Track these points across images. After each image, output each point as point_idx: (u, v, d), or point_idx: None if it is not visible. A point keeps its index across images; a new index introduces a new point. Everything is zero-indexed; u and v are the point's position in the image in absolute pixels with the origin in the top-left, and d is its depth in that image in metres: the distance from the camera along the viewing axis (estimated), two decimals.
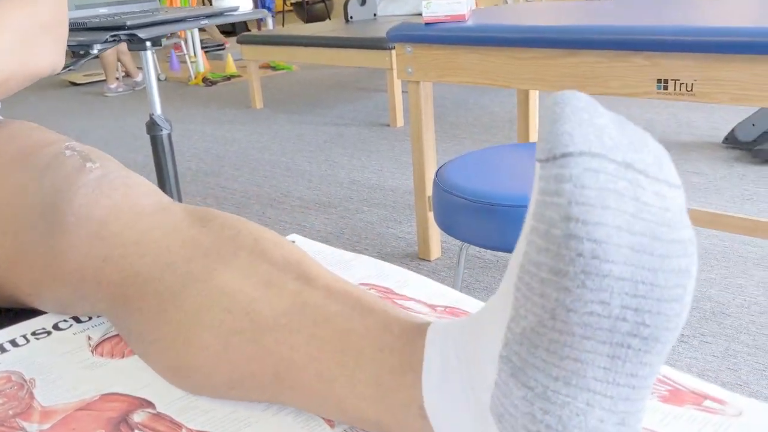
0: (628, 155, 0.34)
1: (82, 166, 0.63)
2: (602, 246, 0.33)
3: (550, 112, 0.35)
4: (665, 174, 0.35)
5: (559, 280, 0.34)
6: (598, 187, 0.33)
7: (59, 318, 0.70)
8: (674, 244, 0.34)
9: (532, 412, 0.37)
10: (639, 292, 0.34)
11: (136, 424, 0.54)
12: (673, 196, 0.35)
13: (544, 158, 0.34)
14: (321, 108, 4.52)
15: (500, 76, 1.83)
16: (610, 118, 0.36)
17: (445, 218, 1.30)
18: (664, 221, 0.34)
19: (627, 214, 0.33)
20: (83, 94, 5.68)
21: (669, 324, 0.35)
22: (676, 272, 0.35)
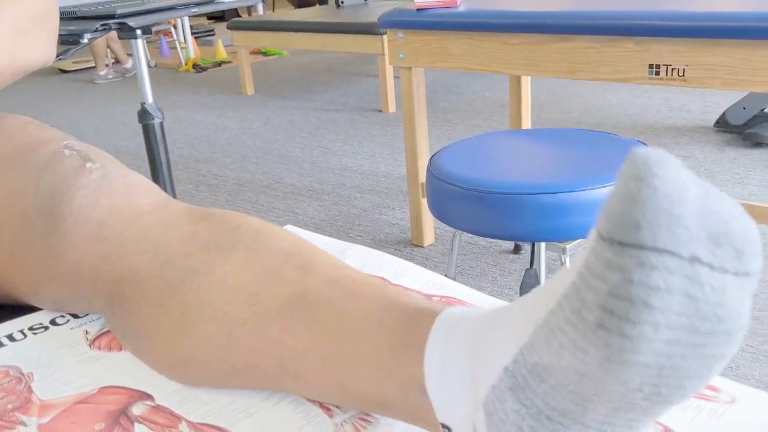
0: (699, 248, 0.31)
1: (81, 167, 0.63)
2: (633, 342, 0.31)
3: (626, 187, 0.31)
4: (738, 263, 0.32)
5: (579, 354, 0.33)
6: (647, 285, 0.30)
7: (56, 314, 0.70)
8: (714, 336, 0.32)
9: (521, 426, 0.38)
10: (662, 374, 0.33)
11: (135, 416, 0.54)
12: (734, 287, 0.32)
13: (604, 236, 0.31)
14: (312, 94, 4.51)
15: (492, 61, 1.83)
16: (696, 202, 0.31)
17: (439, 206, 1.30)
18: (710, 316, 0.32)
19: (671, 312, 0.31)
20: (73, 82, 5.64)
21: (684, 392, 0.34)
22: (708, 358, 0.33)
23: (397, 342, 0.46)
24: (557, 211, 1.17)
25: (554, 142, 1.41)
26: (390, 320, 0.48)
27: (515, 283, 1.97)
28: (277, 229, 0.59)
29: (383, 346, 0.47)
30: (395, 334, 0.47)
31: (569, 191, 1.17)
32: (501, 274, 2.02)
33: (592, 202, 1.18)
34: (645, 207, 0.30)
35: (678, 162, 0.31)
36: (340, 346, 0.49)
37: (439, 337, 0.44)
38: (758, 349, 1.60)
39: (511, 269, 2.05)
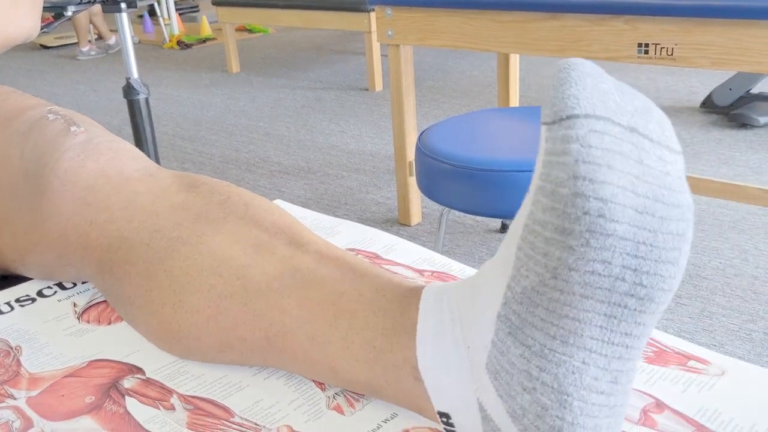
0: (633, 119, 0.35)
1: (66, 130, 0.62)
2: (608, 205, 0.33)
3: (556, 77, 0.35)
4: (667, 139, 0.36)
5: (563, 239, 0.34)
6: (604, 147, 0.33)
7: (43, 284, 0.69)
8: (674, 208, 0.35)
9: (529, 370, 0.38)
10: (639, 252, 0.35)
11: (126, 390, 0.54)
12: (673, 161, 0.36)
13: (550, 121, 0.35)
14: (298, 72, 4.47)
15: (481, 39, 1.82)
16: (614, 84, 0.37)
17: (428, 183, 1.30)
18: (666, 184, 0.35)
19: (631, 176, 0.34)
20: (55, 57, 5.56)
21: (664, 285, 0.36)
22: (674, 235, 0.35)
23: (390, 324, 0.46)
24: None
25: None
26: (382, 302, 0.47)
27: None
28: (266, 202, 0.58)
29: (376, 328, 0.47)
30: (387, 316, 0.46)
31: None
32: (488, 254, 2.03)
33: None
34: (577, 84, 0.35)
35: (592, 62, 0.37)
36: (330, 326, 0.48)
37: (428, 316, 0.44)
38: (742, 327, 1.62)
39: (497, 248, 2.06)
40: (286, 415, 0.51)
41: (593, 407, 0.38)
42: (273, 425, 0.50)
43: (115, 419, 0.51)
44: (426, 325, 0.44)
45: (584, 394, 0.38)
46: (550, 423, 0.38)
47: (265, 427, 0.50)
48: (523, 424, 0.39)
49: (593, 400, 0.38)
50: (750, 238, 2.02)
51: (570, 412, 0.38)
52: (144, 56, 5.30)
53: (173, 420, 0.51)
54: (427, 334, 0.44)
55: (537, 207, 0.35)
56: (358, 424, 0.49)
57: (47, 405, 0.52)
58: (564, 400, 0.38)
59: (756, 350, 1.53)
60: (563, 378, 0.38)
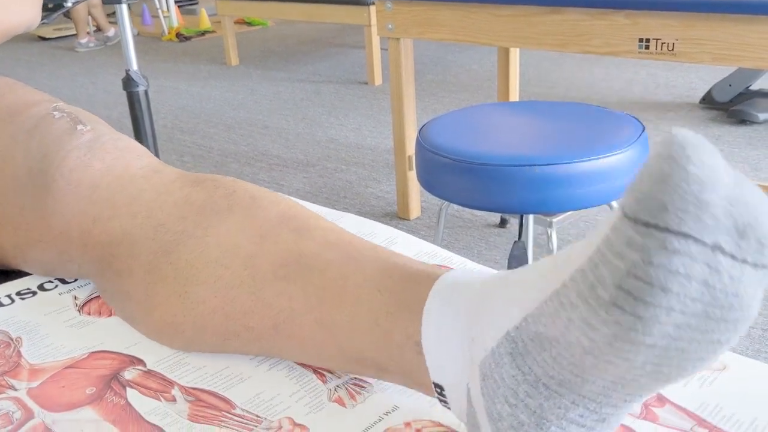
0: (722, 237, 0.31)
1: (72, 129, 0.61)
2: (644, 323, 0.31)
3: (658, 167, 0.30)
4: (758, 257, 0.32)
5: (587, 331, 0.33)
6: (667, 268, 0.30)
7: (45, 279, 0.69)
8: (723, 323, 0.32)
9: (516, 391, 0.38)
10: (667, 355, 0.33)
11: (127, 381, 0.54)
12: (751, 278, 0.32)
13: (629, 214, 0.31)
14: (297, 65, 4.46)
15: (482, 33, 1.81)
16: (727, 189, 0.31)
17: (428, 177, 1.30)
18: (724, 304, 0.32)
19: (687, 298, 0.31)
20: (53, 49, 5.54)
21: (684, 374, 0.34)
22: (713, 343, 0.33)
23: (395, 304, 0.46)
24: (547, 184, 1.17)
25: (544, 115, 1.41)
26: (389, 282, 0.47)
27: (500, 256, 1.98)
28: (272, 194, 0.58)
29: (381, 307, 0.47)
30: (393, 296, 0.47)
31: (559, 163, 1.17)
32: (486, 248, 2.03)
33: (581, 174, 1.18)
34: (675, 190, 0.30)
35: (713, 148, 0.31)
36: (337, 308, 0.48)
37: (438, 299, 0.44)
38: None
39: (496, 243, 2.06)
40: (287, 407, 0.51)
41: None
42: (274, 417, 0.50)
43: (116, 410, 0.51)
44: (434, 306, 0.44)
45: (564, 424, 0.38)
46: None
47: (266, 418, 0.50)
48: (497, 427, 0.39)
49: (572, 429, 0.38)
50: None
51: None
52: (143, 49, 5.29)
53: (174, 411, 0.51)
54: (433, 314, 0.44)
55: (573, 286, 0.33)
56: (359, 416, 0.50)
57: (48, 396, 0.52)
58: (542, 423, 0.38)
59: (754, 346, 1.54)
60: (548, 409, 0.37)
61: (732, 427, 0.47)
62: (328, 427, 0.49)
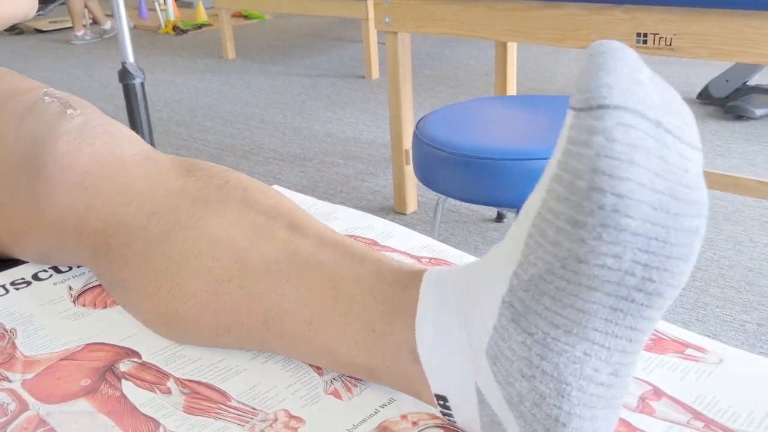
0: (660, 114, 0.34)
1: (62, 113, 0.61)
2: (624, 201, 0.33)
3: (593, 61, 0.34)
4: (690, 136, 0.35)
5: (575, 231, 0.34)
6: (629, 142, 0.33)
7: (39, 268, 0.69)
8: (689, 205, 0.35)
9: (529, 357, 0.38)
10: (651, 248, 0.34)
11: (122, 373, 0.54)
12: (693, 158, 0.35)
13: (578, 107, 0.34)
14: (294, 59, 4.45)
15: (479, 27, 1.81)
16: (649, 75, 0.36)
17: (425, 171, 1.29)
18: (684, 182, 0.34)
19: (651, 172, 0.33)
20: (49, 42, 5.52)
21: (673, 281, 0.36)
22: (687, 231, 0.35)
23: (389, 308, 0.46)
24: None
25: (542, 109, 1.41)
26: (382, 285, 0.47)
27: None
28: (264, 186, 0.58)
29: (375, 312, 0.46)
30: (386, 300, 0.46)
31: None
32: (483, 243, 2.03)
33: None
34: (614, 72, 0.33)
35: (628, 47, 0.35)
36: (329, 310, 0.48)
37: (428, 300, 0.44)
38: (735, 318, 1.62)
39: (493, 238, 2.06)
40: (283, 399, 0.51)
41: (591, 398, 0.38)
42: (270, 409, 0.50)
43: (111, 402, 0.51)
44: (426, 308, 0.44)
45: (583, 385, 0.38)
46: (547, 411, 0.38)
47: (262, 411, 0.49)
48: (519, 410, 0.39)
49: (592, 390, 0.38)
50: (744, 230, 2.02)
51: (568, 401, 0.38)
52: (139, 42, 5.27)
53: (170, 403, 0.50)
54: (426, 316, 0.44)
55: (551, 195, 0.35)
56: (355, 408, 0.49)
57: (42, 388, 0.52)
58: (562, 389, 0.38)
59: (749, 341, 1.54)
60: (563, 367, 0.37)
61: (728, 420, 0.47)
62: (324, 419, 0.48)
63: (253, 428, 0.48)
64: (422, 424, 0.47)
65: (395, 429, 0.47)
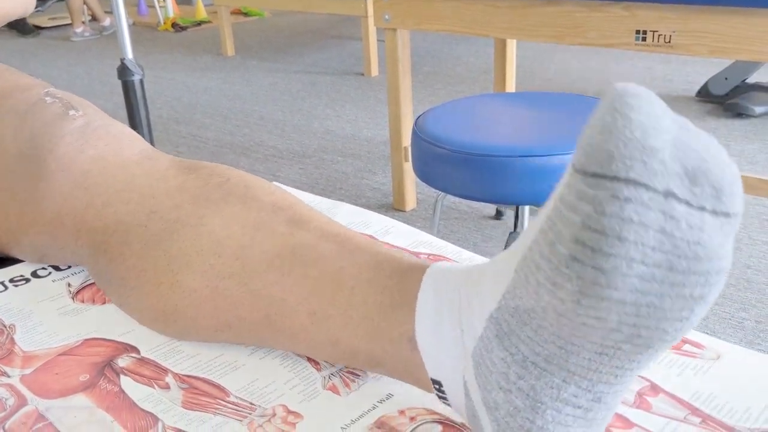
0: (674, 183, 0.31)
1: (64, 114, 0.61)
2: (606, 275, 0.31)
3: (602, 118, 0.31)
4: (716, 203, 0.31)
5: (554, 290, 0.32)
6: (620, 217, 0.30)
7: (38, 265, 0.69)
8: (692, 276, 0.32)
9: (507, 374, 0.38)
10: (640, 313, 0.32)
11: (121, 368, 0.54)
12: (713, 227, 0.32)
13: (578, 167, 0.31)
14: (294, 56, 4.45)
15: (478, 24, 1.81)
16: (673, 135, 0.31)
17: (424, 168, 1.30)
18: (687, 254, 0.31)
19: (646, 247, 0.31)
20: (48, 39, 5.51)
21: (666, 337, 0.34)
22: (687, 298, 0.32)
23: (388, 299, 0.46)
24: (543, 174, 1.17)
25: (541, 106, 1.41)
26: (382, 277, 0.47)
27: (496, 248, 1.98)
28: (266, 183, 0.58)
29: (375, 303, 0.47)
30: (386, 291, 0.46)
31: (555, 154, 1.17)
32: (482, 240, 2.03)
33: None
34: (618, 138, 0.30)
35: (653, 95, 0.31)
36: (330, 301, 0.48)
37: (429, 293, 0.44)
38: (734, 315, 1.63)
39: (492, 235, 2.06)
40: (281, 394, 0.51)
41: (567, 417, 0.38)
42: (268, 404, 0.50)
43: (109, 397, 0.51)
44: (426, 301, 0.44)
45: (559, 406, 0.37)
46: (520, 423, 0.38)
47: (260, 406, 0.50)
48: (494, 416, 0.39)
49: (568, 411, 0.37)
50: (743, 228, 2.02)
51: (541, 417, 0.37)
52: (138, 39, 5.26)
53: (168, 399, 0.50)
54: (426, 308, 0.44)
55: (535, 248, 0.33)
56: (353, 404, 0.49)
57: (41, 383, 0.52)
58: (537, 406, 0.37)
59: (748, 338, 1.54)
60: (540, 389, 0.37)
61: (725, 416, 0.47)
62: (322, 414, 0.49)
63: (252, 423, 0.48)
64: (420, 419, 0.48)
65: (393, 424, 0.47)
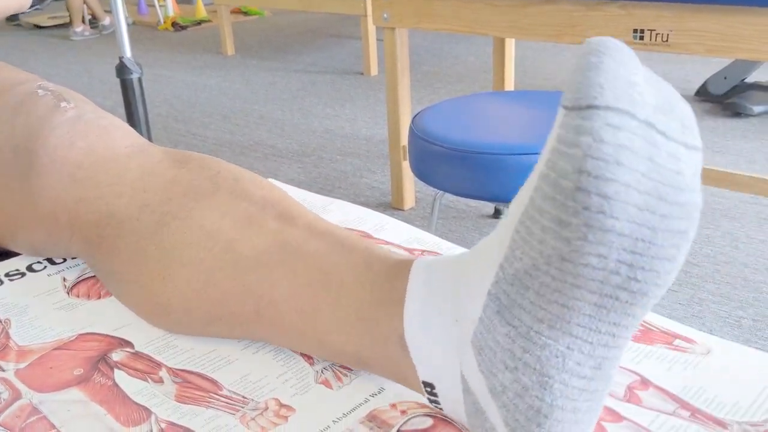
0: (652, 115, 0.34)
1: (56, 106, 0.61)
2: (609, 202, 0.33)
3: (586, 59, 0.34)
4: (685, 136, 0.35)
5: (560, 230, 0.34)
6: (616, 143, 0.32)
7: (33, 260, 0.69)
8: (677, 207, 0.34)
9: (513, 349, 0.38)
10: (636, 248, 0.34)
11: (115, 363, 0.54)
12: (687, 159, 0.35)
13: (569, 106, 0.33)
14: (293, 55, 4.45)
15: (477, 23, 1.81)
16: (645, 75, 0.35)
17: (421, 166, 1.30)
18: (672, 183, 0.34)
19: (638, 173, 0.33)
20: (48, 38, 5.51)
21: (659, 281, 0.36)
22: (674, 233, 0.35)
23: (377, 297, 0.46)
24: None
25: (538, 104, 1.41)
26: (370, 274, 0.47)
27: None
28: (255, 176, 0.58)
29: (363, 300, 0.47)
30: (375, 289, 0.47)
31: None
32: (480, 238, 2.03)
33: None
34: (607, 72, 0.33)
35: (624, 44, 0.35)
36: (319, 298, 0.48)
37: (418, 286, 0.44)
38: (731, 314, 1.63)
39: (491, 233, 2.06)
40: (274, 388, 0.51)
41: (573, 390, 0.38)
42: (261, 398, 0.50)
43: (103, 391, 0.51)
44: (414, 296, 0.44)
45: (565, 378, 0.38)
46: (529, 402, 0.38)
47: (253, 400, 0.50)
48: (502, 400, 0.39)
49: (574, 383, 0.38)
50: (742, 226, 2.03)
51: (550, 393, 0.38)
52: (138, 37, 5.27)
53: (161, 392, 0.51)
54: (415, 305, 0.44)
55: (538, 194, 0.35)
56: (345, 397, 0.50)
57: (36, 377, 0.53)
58: (545, 381, 0.38)
59: (744, 336, 1.54)
60: (546, 361, 0.38)
61: (714, 409, 0.47)
62: (315, 408, 0.49)
63: (244, 417, 0.48)
64: (411, 413, 0.48)
65: (384, 417, 0.48)
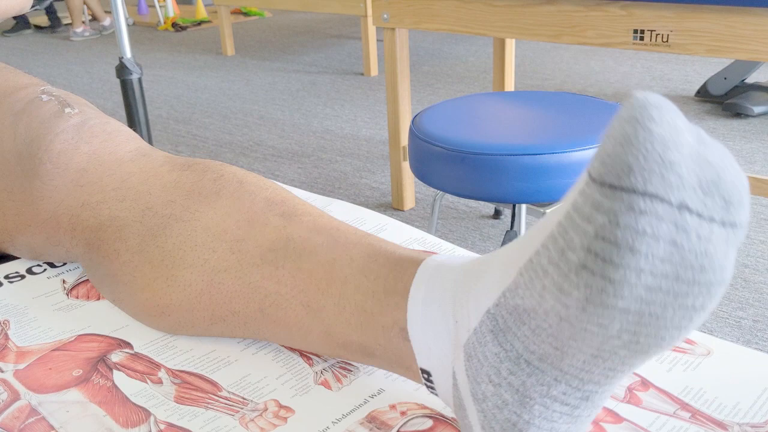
0: (689, 196, 0.31)
1: (60, 112, 0.61)
2: (614, 285, 0.31)
3: (622, 129, 0.30)
4: (725, 214, 0.32)
5: (560, 296, 0.33)
6: (635, 229, 0.30)
7: (33, 263, 0.69)
8: (696, 286, 0.32)
9: (499, 368, 0.38)
10: (642, 321, 0.33)
11: (114, 363, 0.54)
12: (720, 237, 0.32)
13: (594, 176, 0.31)
14: (294, 56, 4.45)
15: (477, 23, 1.81)
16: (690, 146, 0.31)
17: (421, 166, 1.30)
18: (695, 264, 0.32)
19: (656, 258, 0.31)
20: (48, 38, 5.51)
21: (662, 344, 0.34)
22: (689, 308, 0.33)
23: (381, 288, 0.46)
24: (540, 173, 1.17)
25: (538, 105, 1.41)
26: (374, 266, 0.47)
27: (494, 248, 1.98)
28: (260, 178, 0.58)
29: (367, 292, 0.47)
30: (379, 280, 0.47)
31: (552, 153, 1.17)
32: (480, 239, 2.03)
33: (574, 164, 1.18)
34: (638, 150, 0.30)
35: (675, 108, 0.31)
36: (323, 293, 0.49)
37: (423, 283, 0.44)
38: (731, 314, 1.63)
39: (490, 234, 2.06)
40: (273, 389, 0.51)
41: (554, 413, 0.38)
42: (260, 399, 0.50)
43: (102, 392, 0.51)
44: (419, 290, 0.44)
45: (547, 402, 0.38)
46: (507, 416, 0.38)
47: (252, 401, 0.50)
48: (481, 407, 0.40)
49: (556, 408, 0.38)
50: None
51: (528, 412, 0.38)
52: (138, 38, 5.27)
53: (161, 393, 0.51)
54: (419, 297, 0.44)
55: (544, 252, 0.33)
56: (344, 398, 0.50)
57: (35, 378, 0.53)
58: (525, 401, 0.38)
59: (745, 337, 1.54)
60: (530, 386, 0.37)
61: (714, 410, 0.47)
62: (314, 409, 0.49)
63: (243, 418, 0.48)
64: (410, 414, 0.48)
65: (384, 418, 0.48)
